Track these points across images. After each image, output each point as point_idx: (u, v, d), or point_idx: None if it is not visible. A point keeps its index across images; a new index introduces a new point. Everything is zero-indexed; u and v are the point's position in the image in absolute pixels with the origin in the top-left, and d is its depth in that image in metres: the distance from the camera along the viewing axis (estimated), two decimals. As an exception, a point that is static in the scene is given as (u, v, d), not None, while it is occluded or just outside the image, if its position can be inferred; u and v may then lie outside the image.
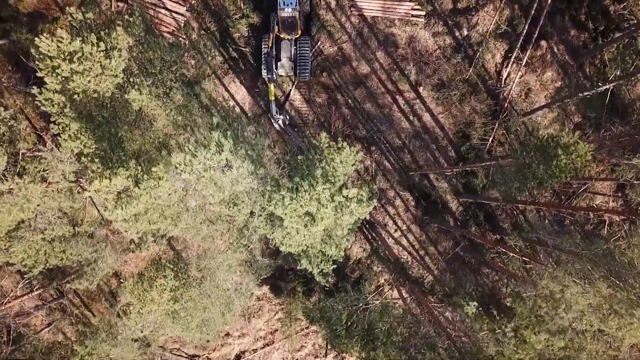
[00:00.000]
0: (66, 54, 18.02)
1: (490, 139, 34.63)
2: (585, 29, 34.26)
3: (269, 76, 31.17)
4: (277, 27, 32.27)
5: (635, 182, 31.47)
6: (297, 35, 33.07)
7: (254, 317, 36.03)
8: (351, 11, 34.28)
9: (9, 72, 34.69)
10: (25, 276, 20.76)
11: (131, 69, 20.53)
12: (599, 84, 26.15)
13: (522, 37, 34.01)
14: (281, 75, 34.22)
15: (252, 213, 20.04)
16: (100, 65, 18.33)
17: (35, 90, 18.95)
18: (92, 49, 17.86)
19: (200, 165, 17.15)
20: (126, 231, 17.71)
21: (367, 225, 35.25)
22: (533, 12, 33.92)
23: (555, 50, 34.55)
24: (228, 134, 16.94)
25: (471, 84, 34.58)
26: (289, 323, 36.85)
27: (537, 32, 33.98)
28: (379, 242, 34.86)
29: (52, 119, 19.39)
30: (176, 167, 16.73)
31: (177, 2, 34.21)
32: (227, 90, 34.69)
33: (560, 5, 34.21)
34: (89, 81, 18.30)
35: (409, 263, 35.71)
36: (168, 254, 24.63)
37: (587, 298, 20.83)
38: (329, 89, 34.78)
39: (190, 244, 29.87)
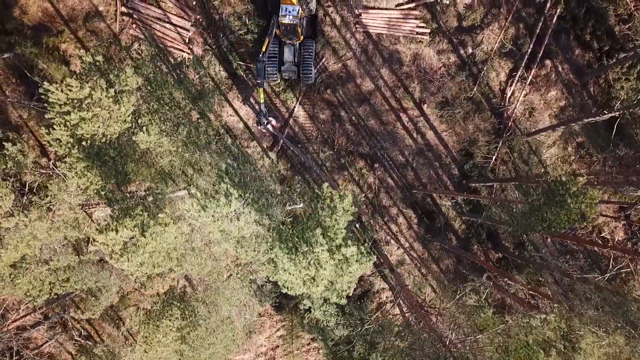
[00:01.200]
0: (75, 101, 17.82)
1: (494, 158, 34.59)
2: (590, 48, 34.27)
3: (258, 81, 31.08)
4: (277, 30, 32.05)
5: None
6: (299, 41, 32.93)
7: (255, 333, 35.91)
8: (356, 28, 34.27)
9: (13, 84, 34.67)
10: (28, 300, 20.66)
11: (139, 110, 20.35)
12: (604, 111, 26.01)
13: (526, 56, 34.09)
14: (285, 79, 34.10)
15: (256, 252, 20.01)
16: (109, 110, 18.16)
17: (44, 130, 18.69)
18: (101, 94, 17.73)
19: (209, 217, 17.19)
20: (131, 275, 17.61)
21: (369, 243, 35.17)
22: (538, 31, 34.08)
23: (560, 69, 34.55)
24: (236, 180, 16.95)
25: (475, 102, 34.57)
26: (290, 340, 36.77)
27: (541, 51, 34.09)
28: (381, 260, 34.76)
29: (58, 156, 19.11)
30: (185, 213, 16.75)
31: (181, 17, 34.19)
32: (231, 105, 34.66)
33: (565, 25, 34.25)
34: (98, 127, 18.17)
35: (412, 280, 35.63)
36: (174, 287, 24.46)
37: (604, 347, 20.64)
38: (333, 106, 34.76)
39: (196, 277, 29.73)
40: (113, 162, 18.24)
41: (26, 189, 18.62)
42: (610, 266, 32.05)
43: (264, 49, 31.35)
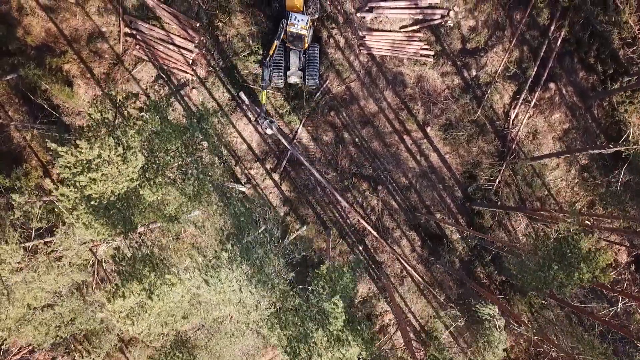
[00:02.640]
0: (85, 161, 17.63)
1: (497, 180, 34.54)
2: (594, 71, 34.21)
3: (262, 83, 31.01)
4: (283, 35, 31.85)
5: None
6: (304, 48, 32.79)
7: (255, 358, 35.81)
8: (360, 50, 34.21)
9: (16, 104, 34.64)
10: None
11: (146, 165, 20.11)
12: (610, 145, 25.83)
13: (530, 79, 34.05)
14: (292, 84, 33.99)
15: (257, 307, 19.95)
16: (117, 168, 18.04)
17: (51, 186, 18.49)
18: (110, 152, 17.60)
19: (212, 292, 17.21)
20: (138, 334, 17.54)
21: (372, 265, 35.15)
22: (542, 53, 34.03)
23: (564, 91, 34.50)
24: (238, 257, 16.93)
25: (479, 125, 34.52)
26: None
27: (545, 74, 34.03)
28: (385, 282, 34.69)
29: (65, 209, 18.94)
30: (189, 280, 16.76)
31: (185, 39, 34.12)
32: (234, 127, 34.61)
33: (569, 48, 34.19)
34: (106, 187, 18.05)
35: (414, 302, 35.58)
36: (177, 337, 24.41)
37: None
38: (336, 128, 34.71)
39: (199, 326, 29.58)
40: (120, 213, 18.15)
41: (32, 234, 18.56)
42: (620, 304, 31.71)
43: (270, 53, 31.19)
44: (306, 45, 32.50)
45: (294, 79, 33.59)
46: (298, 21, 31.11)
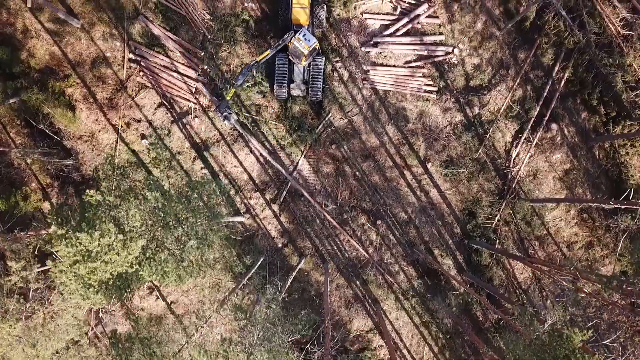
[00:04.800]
0: (84, 251, 17.49)
1: (497, 219, 34.52)
2: (597, 113, 34.26)
3: (235, 82, 30.20)
4: (289, 43, 31.54)
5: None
6: (301, 64, 32.55)
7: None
8: (363, 84, 34.24)
9: (18, 126, 34.57)
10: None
11: (145, 244, 19.85)
12: (610, 202, 25.68)
13: (533, 119, 34.08)
14: (295, 97, 33.86)
15: None
16: (117, 254, 17.90)
17: (50, 264, 18.23)
18: (110, 239, 17.45)
19: None
20: None
21: (369, 300, 35.11)
22: (545, 94, 34.09)
23: (566, 132, 34.54)
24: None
25: (480, 162, 34.53)
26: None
27: (548, 114, 34.05)
28: (378, 317, 34.63)
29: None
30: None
31: (189, 67, 34.13)
32: (235, 157, 34.58)
33: (572, 89, 34.27)
34: (105, 274, 17.91)
35: (410, 338, 35.54)
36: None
37: None
38: (337, 160, 34.71)
39: None
40: (116, 286, 18.09)
41: (30, 295, 18.51)
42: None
43: (258, 59, 30.65)
44: (302, 63, 32.43)
45: (297, 92, 33.51)
46: (306, 40, 30.94)
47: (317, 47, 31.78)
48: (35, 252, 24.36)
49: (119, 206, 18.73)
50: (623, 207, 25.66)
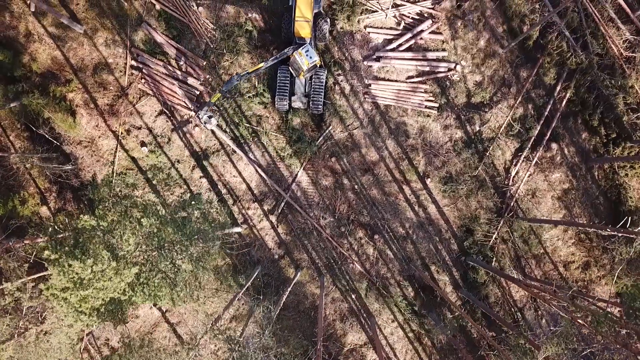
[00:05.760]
0: (76, 278, 17.41)
1: (494, 236, 34.49)
2: (597, 134, 34.22)
3: (222, 88, 29.89)
4: (291, 54, 31.55)
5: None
6: (298, 77, 32.57)
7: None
8: (365, 98, 34.22)
9: (18, 129, 34.54)
10: None
11: (139, 270, 19.75)
12: (608, 229, 25.56)
13: (533, 138, 34.05)
14: (297, 109, 33.87)
15: None
16: (110, 280, 17.84)
17: (42, 286, 18.10)
18: (102, 266, 17.38)
19: None
20: None
21: (364, 314, 35.08)
22: (547, 113, 34.08)
23: (566, 151, 34.51)
24: None
25: (479, 180, 34.50)
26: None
27: (548, 134, 34.04)
28: (374, 331, 34.59)
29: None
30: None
31: (191, 76, 34.09)
32: (234, 167, 34.55)
33: (574, 109, 34.25)
34: (97, 302, 17.84)
35: (405, 353, 35.50)
36: None
37: None
38: (337, 173, 34.68)
39: None
40: (109, 311, 18.04)
41: (23, 312, 18.47)
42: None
43: (250, 71, 30.46)
44: (300, 77, 32.46)
45: (298, 104, 33.51)
46: (307, 56, 30.91)
47: (317, 65, 31.78)
48: (31, 260, 24.30)
49: (113, 230, 18.69)
50: (620, 234, 25.58)
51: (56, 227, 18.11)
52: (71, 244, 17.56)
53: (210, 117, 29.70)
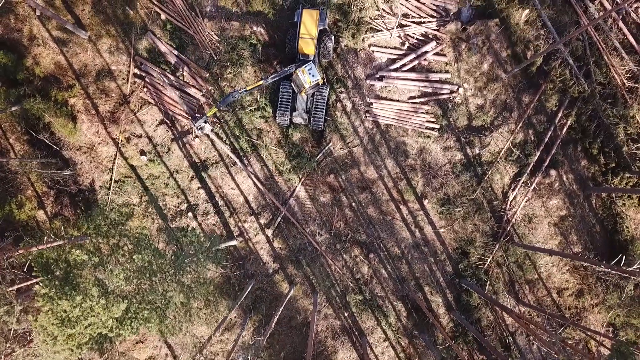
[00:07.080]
0: (64, 316, 17.39)
1: (489, 260, 34.49)
2: (597, 162, 34.25)
3: (219, 103, 29.95)
4: (294, 71, 31.72)
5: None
6: (299, 93, 32.74)
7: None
8: (366, 116, 34.22)
9: (18, 132, 34.49)
10: None
11: (128, 307, 19.62)
12: (602, 265, 25.55)
13: (532, 163, 34.08)
14: (297, 124, 33.91)
15: None
16: (99, 316, 17.80)
17: (30, 319, 18.05)
18: (91, 302, 17.37)
19: None
20: None
21: (355, 332, 35.05)
22: (547, 139, 34.10)
23: (564, 178, 34.52)
24: None
25: (476, 203, 34.49)
26: None
27: (548, 160, 34.06)
28: (365, 350, 34.59)
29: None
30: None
31: (193, 86, 34.10)
32: (233, 179, 34.54)
33: (574, 136, 34.28)
34: (85, 335, 17.81)
35: (393, 372, 35.51)
36: None
37: None
38: (335, 190, 34.68)
39: None
40: (97, 342, 18.00)
41: (11, 335, 18.42)
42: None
43: (248, 88, 30.49)
44: (302, 94, 32.55)
45: (299, 120, 33.56)
46: (310, 74, 31.00)
47: (319, 84, 31.81)
48: (24, 270, 24.25)
49: (104, 264, 18.63)
50: (613, 271, 25.58)
51: (49, 262, 18.02)
52: (61, 277, 17.50)
53: (205, 121, 29.85)
